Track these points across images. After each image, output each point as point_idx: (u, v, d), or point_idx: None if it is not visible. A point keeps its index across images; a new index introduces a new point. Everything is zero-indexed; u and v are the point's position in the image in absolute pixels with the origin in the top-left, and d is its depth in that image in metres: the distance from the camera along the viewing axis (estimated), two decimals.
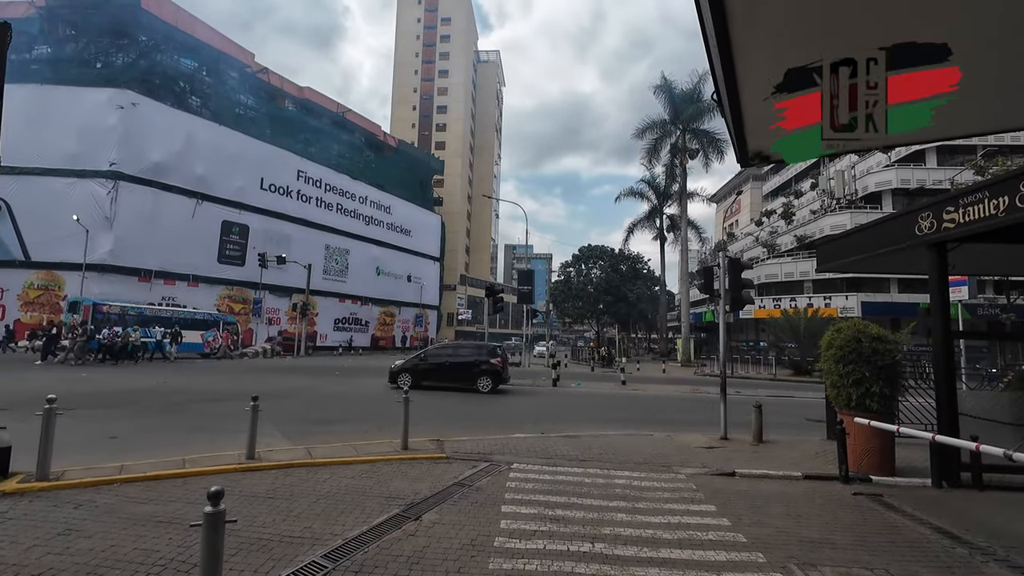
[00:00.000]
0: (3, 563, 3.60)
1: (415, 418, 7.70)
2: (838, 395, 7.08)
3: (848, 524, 5.04)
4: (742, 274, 9.70)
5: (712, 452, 8.08)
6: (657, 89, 36.02)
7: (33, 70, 29.46)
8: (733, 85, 2.76)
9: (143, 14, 31.80)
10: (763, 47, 2.55)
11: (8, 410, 7.77)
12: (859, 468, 6.71)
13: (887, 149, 33.20)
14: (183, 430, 8.55)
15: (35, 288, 28.54)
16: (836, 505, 5.66)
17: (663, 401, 15.52)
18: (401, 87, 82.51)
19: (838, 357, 7.03)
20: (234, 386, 14.72)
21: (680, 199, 38.51)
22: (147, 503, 4.88)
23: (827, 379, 7.39)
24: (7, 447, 5.46)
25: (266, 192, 38.49)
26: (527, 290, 25.15)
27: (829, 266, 8.93)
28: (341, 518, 4.71)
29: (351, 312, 46.59)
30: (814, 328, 27.22)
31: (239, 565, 3.66)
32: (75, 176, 28.81)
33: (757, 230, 50.83)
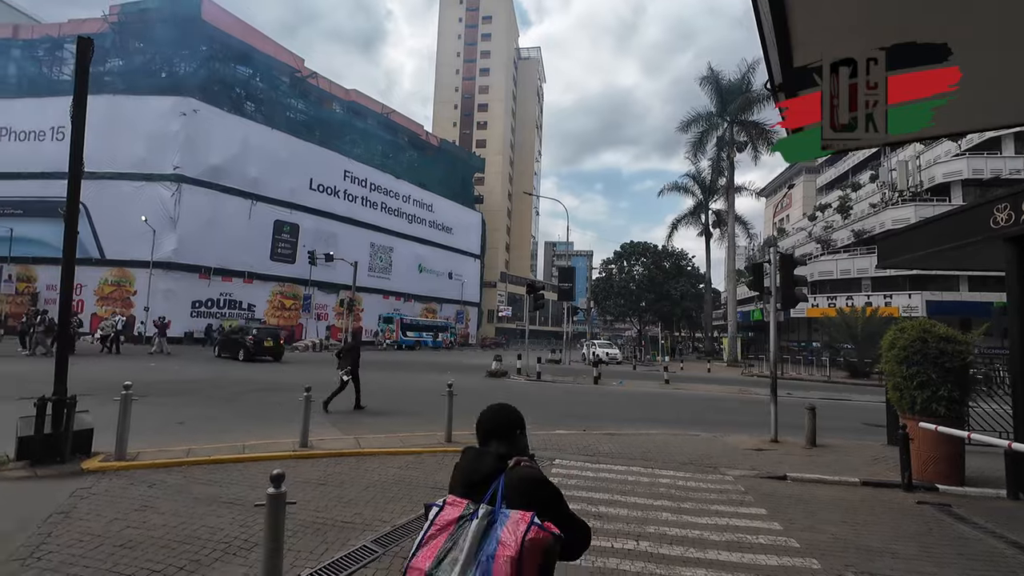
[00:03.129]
0: (91, 534, 3.94)
1: (456, 412, 7.83)
2: (901, 398, 6.69)
3: (912, 534, 4.77)
4: (795, 271, 9.30)
5: (761, 454, 7.81)
6: (703, 80, 34.94)
7: (106, 82, 31.72)
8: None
9: (204, 25, 33.65)
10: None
11: (90, 395, 8.44)
12: (924, 476, 6.33)
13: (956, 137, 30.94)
14: (242, 418, 9.04)
15: (109, 284, 30.80)
16: (898, 514, 5.36)
17: (708, 401, 15.10)
18: (443, 86, 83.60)
19: (901, 358, 6.64)
20: (287, 378, 15.41)
21: (727, 194, 37.24)
22: (211, 485, 5.21)
23: (888, 381, 7.00)
24: (90, 429, 5.95)
25: (315, 192, 39.96)
26: (567, 287, 25.03)
27: (891, 262, 8.43)
28: (389, 506, 4.86)
29: (394, 308, 47.76)
30: (872, 328, 25.75)
31: (295, 546, 3.85)
32: (143, 179, 30.88)
33: (810, 225, 48.51)
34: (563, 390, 16.36)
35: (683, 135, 36.66)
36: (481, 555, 1.26)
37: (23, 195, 31.75)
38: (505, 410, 1.65)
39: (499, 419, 1.62)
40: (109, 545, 3.76)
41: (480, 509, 1.35)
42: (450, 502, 1.40)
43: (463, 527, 1.33)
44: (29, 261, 31.30)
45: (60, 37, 35.17)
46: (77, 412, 5.82)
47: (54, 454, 5.53)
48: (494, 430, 1.61)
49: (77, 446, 5.76)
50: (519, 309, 69.00)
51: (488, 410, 1.66)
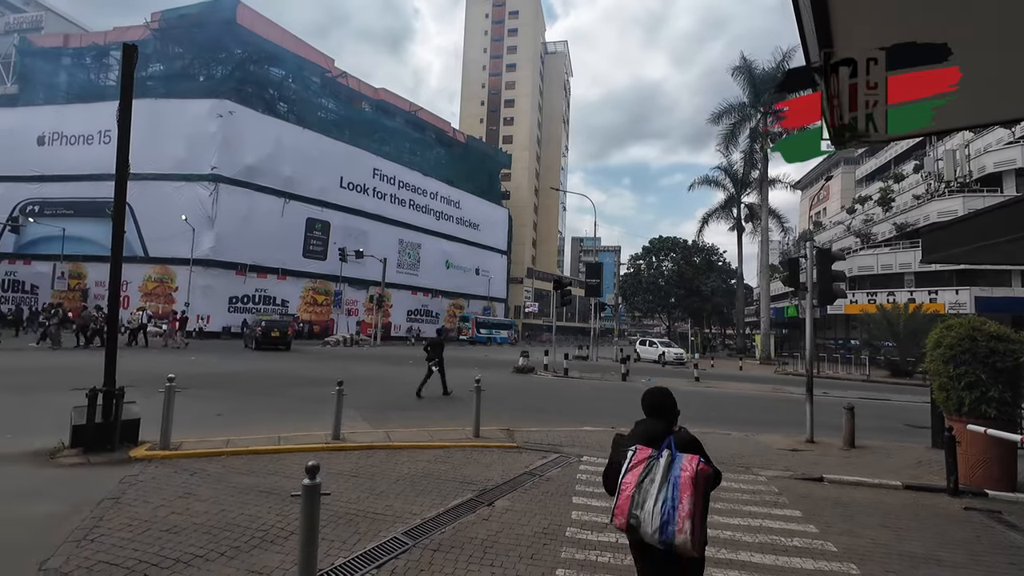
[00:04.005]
0: (139, 518, 4.14)
1: (484, 407, 7.88)
2: (947, 399, 6.40)
3: (959, 541, 4.57)
4: (833, 265, 8.98)
5: (796, 455, 7.60)
6: (736, 71, 33.96)
7: (148, 86, 33.01)
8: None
9: (239, 29, 34.65)
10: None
11: (135, 386, 8.84)
12: (971, 480, 6.05)
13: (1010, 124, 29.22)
14: (277, 411, 9.32)
15: (152, 280, 32.17)
16: (943, 519, 5.14)
17: (740, 400, 14.76)
18: (469, 83, 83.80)
19: (948, 357, 6.35)
20: (320, 372, 15.80)
21: (760, 187, 36.16)
22: (249, 475, 5.40)
23: (933, 381, 6.71)
24: (137, 419, 6.25)
25: (345, 190, 40.72)
26: (595, 283, 24.84)
27: (936, 257, 8.03)
28: (419, 499, 4.94)
29: (422, 304, 48.35)
30: (916, 325, 24.70)
31: (329, 536, 3.96)
32: (183, 180, 32.07)
33: (849, 218, 46.71)
34: (590, 387, 16.26)
35: (714, 127, 35.76)
36: (671, 476, 2.08)
37: (74, 196, 33.44)
38: (663, 395, 2.50)
39: (660, 401, 2.48)
40: (156, 530, 3.94)
41: (663, 452, 2.16)
42: (639, 448, 2.21)
43: (652, 462, 2.14)
44: (80, 259, 32.96)
45: (106, 44, 36.80)
46: (125, 403, 6.11)
47: (105, 442, 5.83)
48: (655, 408, 2.47)
49: (125, 435, 6.06)
50: (545, 305, 68.84)
51: (650, 395, 2.54)
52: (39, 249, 33.69)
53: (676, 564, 2.08)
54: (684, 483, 2.04)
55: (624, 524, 2.11)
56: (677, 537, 1.98)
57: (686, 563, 2.09)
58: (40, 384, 10.68)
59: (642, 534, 2.06)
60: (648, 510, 2.04)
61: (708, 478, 2.10)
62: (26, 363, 14.18)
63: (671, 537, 1.99)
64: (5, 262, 34.38)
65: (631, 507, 2.09)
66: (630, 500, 2.10)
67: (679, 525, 1.99)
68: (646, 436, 2.30)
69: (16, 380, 11.06)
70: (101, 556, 3.50)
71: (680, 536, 1.98)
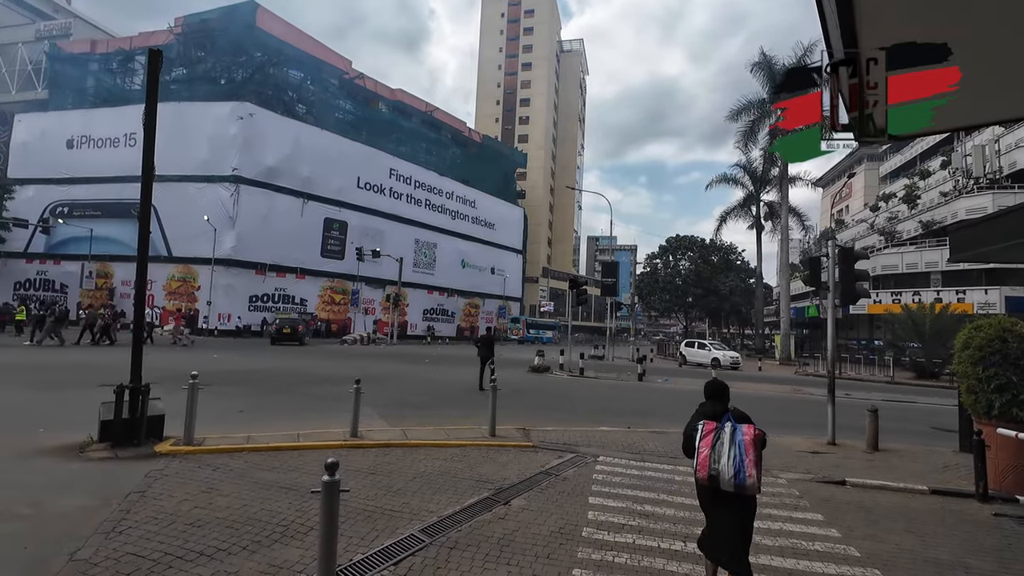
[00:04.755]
0: (164, 512, 4.25)
1: (500, 406, 7.90)
2: (976, 402, 6.22)
3: (988, 548, 4.44)
4: (855, 264, 8.79)
5: (817, 458, 7.46)
6: (755, 67, 33.44)
7: (172, 90, 33.76)
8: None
9: (259, 32, 35.23)
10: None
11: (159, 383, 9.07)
12: (1001, 486, 5.87)
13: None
14: (296, 408, 9.47)
15: (176, 280, 32.92)
16: (971, 525, 5.00)
17: (759, 401, 14.53)
18: (485, 83, 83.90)
19: (977, 359, 6.17)
20: (338, 370, 16.00)
21: (780, 184, 35.58)
22: (270, 471, 5.49)
23: (962, 383, 6.53)
24: (162, 415, 6.40)
25: (362, 190, 41.12)
26: (611, 282, 24.72)
27: (965, 255, 7.81)
28: (435, 497, 4.98)
29: (438, 303, 48.60)
30: (942, 325, 24.04)
31: (348, 532, 4.01)
32: (204, 181, 32.73)
33: (872, 216, 45.62)
34: (606, 386, 16.18)
35: (733, 124, 35.30)
36: (735, 439, 2.88)
37: (101, 198, 34.39)
38: (721, 384, 3.31)
39: (719, 388, 3.29)
40: (180, 523, 4.04)
41: (725, 425, 2.97)
42: (706, 423, 3.01)
43: (720, 431, 2.93)
44: (107, 259, 33.89)
45: (131, 49, 37.74)
46: (150, 399, 6.27)
47: (131, 437, 5.99)
48: (716, 393, 3.26)
49: (151, 430, 6.21)
50: (561, 304, 68.68)
51: (712, 384, 3.33)
52: (68, 249, 34.74)
53: (742, 501, 2.94)
54: (747, 444, 2.86)
55: (706, 476, 2.92)
56: (748, 480, 2.82)
57: (749, 499, 2.96)
58: (69, 381, 11.02)
59: (720, 482, 2.88)
60: (724, 464, 2.86)
61: (762, 440, 2.94)
62: (49, 360, 14.63)
63: (744, 481, 2.83)
64: (36, 262, 35.56)
65: (710, 463, 2.91)
66: (708, 459, 2.92)
67: (748, 472, 2.82)
68: (710, 414, 3.13)
69: (44, 377, 11.42)
70: (128, 548, 3.60)
71: (750, 480, 2.82)
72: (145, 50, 6.27)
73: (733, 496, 2.92)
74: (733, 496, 2.92)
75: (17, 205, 34.50)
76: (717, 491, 2.94)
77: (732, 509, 2.98)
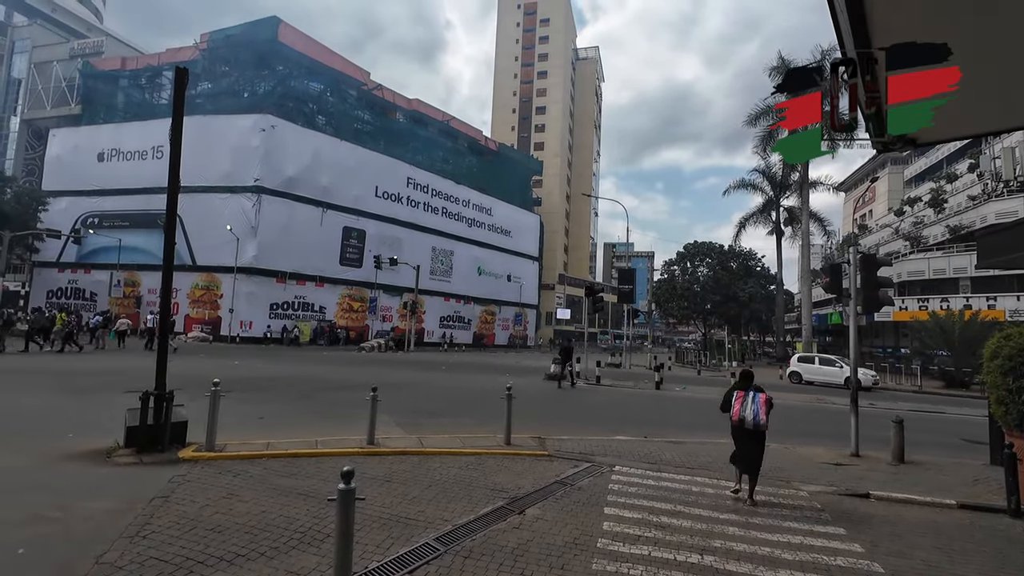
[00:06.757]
0: (186, 517, 4.35)
1: (515, 415, 7.90)
2: (1007, 413, 6.02)
3: (1020, 565, 4.29)
4: (879, 271, 8.60)
5: (840, 469, 7.29)
6: (773, 71, 33.09)
7: (197, 104, 34.80)
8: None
9: (280, 46, 36.13)
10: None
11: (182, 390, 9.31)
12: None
13: None
14: (314, 414, 9.60)
15: (199, 288, 33.71)
16: (1002, 542, 4.83)
17: (780, 410, 14.19)
18: (501, 91, 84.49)
19: (1007, 369, 5.98)
20: (354, 377, 16.17)
21: (800, 189, 34.98)
22: (288, 477, 5.58)
23: (991, 394, 6.33)
24: (185, 421, 6.56)
25: (380, 199, 41.66)
26: (628, 289, 24.50)
27: (994, 261, 7.60)
28: (450, 505, 5.00)
29: (455, 310, 48.79)
30: (972, 333, 23.30)
31: (363, 539, 4.05)
32: (228, 192, 33.55)
33: (897, 221, 44.53)
34: (623, 394, 16.04)
35: (751, 129, 34.93)
36: (756, 400, 5.54)
37: (129, 209, 35.48)
38: (750, 373, 5.98)
39: (748, 376, 5.92)
40: (201, 528, 4.13)
41: (750, 393, 5.61)
42: (738, 392, 5.68)
43: (746, 397, 5.59)
44: (134, 268, 34.90)
45: (159, 65, 39.03)
46: (174, 406, 6.43)
47: (156, 443, 6.15)
48: (746, 377, 5.87)
49: (175, 436, 6.37)
50: (577, 311, 68.26)
51: (744, 372, 6.01)
52: (98, 259, 35.89)
53: (757, 435, 5.51)
54: (762, 403, 5.49)
55: (738, 419, 5.52)
56: (761, 421, 5.43)
57: (761, 435, 5.53)
58: (96, 386, 11.34)
59: (745, 423, 5.46)
60: (748, 413, 5.46)
61: (769, 402, 5.56)
62: (66, 366, 15.08)
63: (758, 422, 5.42)
64: (68, 271, 36.82)
65: (741, 412, 5.50)
66: (740, 410, 5.52)
67: (762, 418, 5.43)
68: (742, 387, 5.71)
69: (68, 383, 11.77)
70: (152, 552, 3.70)
71: (763, 421, 5.43)
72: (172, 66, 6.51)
73: (753, 431, 5.46)
74: (753, 431, 5.46)
75: (51, 216, 35.82)
76: (742, 428, 5.50)
77: (752, 440, 5.51)
